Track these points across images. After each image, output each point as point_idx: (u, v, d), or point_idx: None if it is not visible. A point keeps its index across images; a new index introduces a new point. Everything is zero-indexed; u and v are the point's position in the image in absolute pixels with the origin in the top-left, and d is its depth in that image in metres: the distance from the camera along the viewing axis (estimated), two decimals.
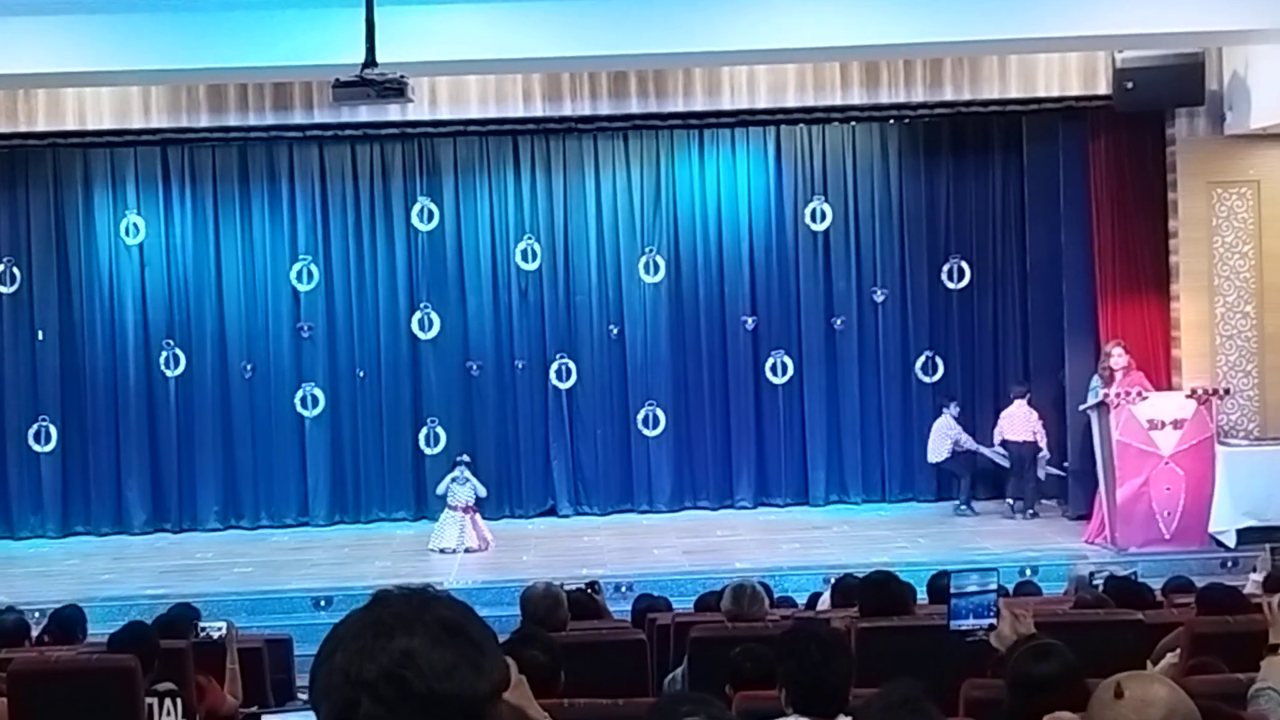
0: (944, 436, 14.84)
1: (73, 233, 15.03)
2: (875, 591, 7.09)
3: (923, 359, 15.34)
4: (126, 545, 14.53)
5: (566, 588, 7.83)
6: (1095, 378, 13.13)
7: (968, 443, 14.82)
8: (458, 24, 10.73)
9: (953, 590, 5.18)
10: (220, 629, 7.58)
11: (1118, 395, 12.57)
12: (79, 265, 15.04)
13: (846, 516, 14.77)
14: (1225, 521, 12.40)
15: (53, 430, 14.86)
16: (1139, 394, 12.56)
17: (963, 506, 14.72)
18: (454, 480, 13.90)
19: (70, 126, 12.89)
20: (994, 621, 4.95)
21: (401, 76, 9.18)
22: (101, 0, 10.33)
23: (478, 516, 13.85)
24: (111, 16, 10.61)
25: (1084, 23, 10.93)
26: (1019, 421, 14.50)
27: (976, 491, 15.00)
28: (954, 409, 14.92)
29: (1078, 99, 13.19)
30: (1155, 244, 13.53)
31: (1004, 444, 14.61)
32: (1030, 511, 14.34)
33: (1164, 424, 12.46)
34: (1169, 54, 12.52)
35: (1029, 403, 14.53)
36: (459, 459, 14.16)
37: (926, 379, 15.31)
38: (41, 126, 12.88)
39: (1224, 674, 5.37)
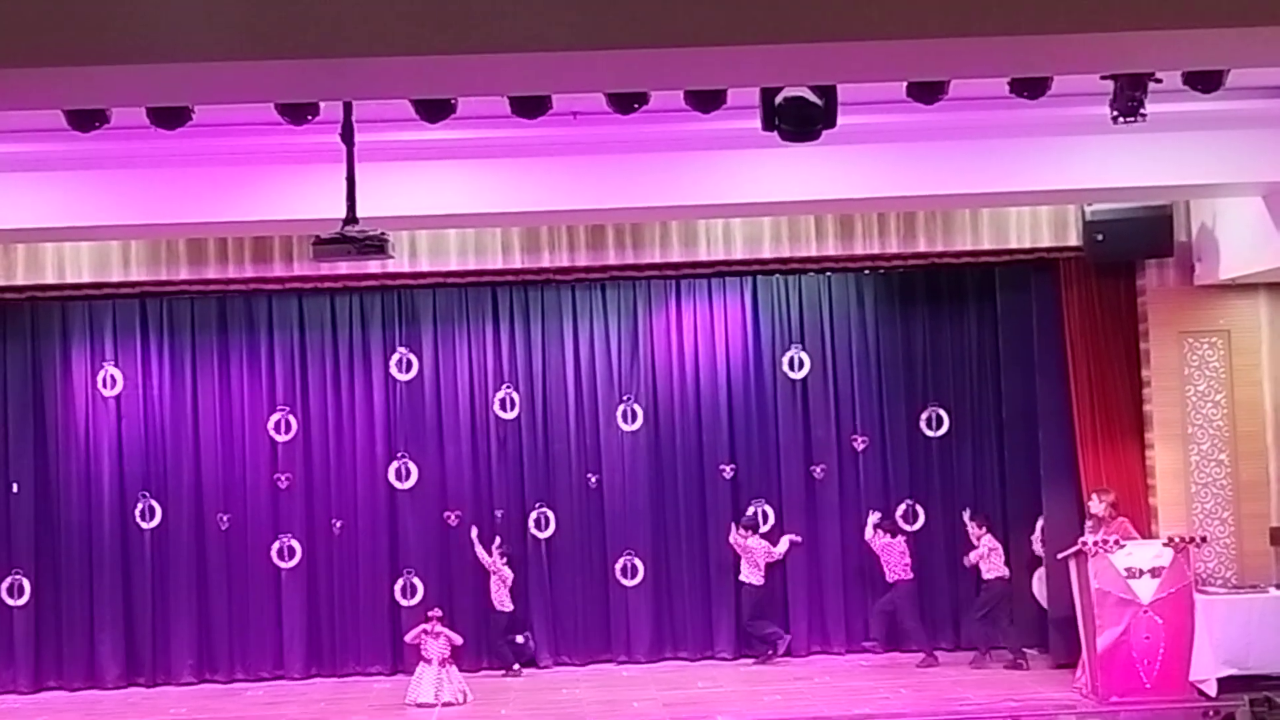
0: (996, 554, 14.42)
1: (49, 384, 15.01)
2: None
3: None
4: (99, 700, 14.33)
5: None
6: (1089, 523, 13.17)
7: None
8: (438, 179, 10.85)
9: None
10: None
11: (1096, 544, 12.57)
12: (55, 417, 15.00)
13: (828, 667, 14.63)
14: (1205, 670, 12.34)
15: (25, 584, 14.69)
16: (1116, 542, 12.57)
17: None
18: (425, 633, 13.73)
19: (49, 280, 12.97)
20: None
21: (382, 233, 9.21)
22: (83, 157, 10.38)
23: (454, 669, 13.70)
24: (92, 173, 10.66)
25: (1054, 177, 11.09)
26: (994, 556, 14.38)
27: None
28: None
29: (1049, 250, 13.38)
30: (1131, 392, 13.67)
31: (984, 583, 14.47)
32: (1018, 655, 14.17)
33: (1142, 572, 12.44)
34: (1138, 206, 12.74)
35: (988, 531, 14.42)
36: (430, 614, 13.98)
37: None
38: (20, 280, 12.96)
39: None
